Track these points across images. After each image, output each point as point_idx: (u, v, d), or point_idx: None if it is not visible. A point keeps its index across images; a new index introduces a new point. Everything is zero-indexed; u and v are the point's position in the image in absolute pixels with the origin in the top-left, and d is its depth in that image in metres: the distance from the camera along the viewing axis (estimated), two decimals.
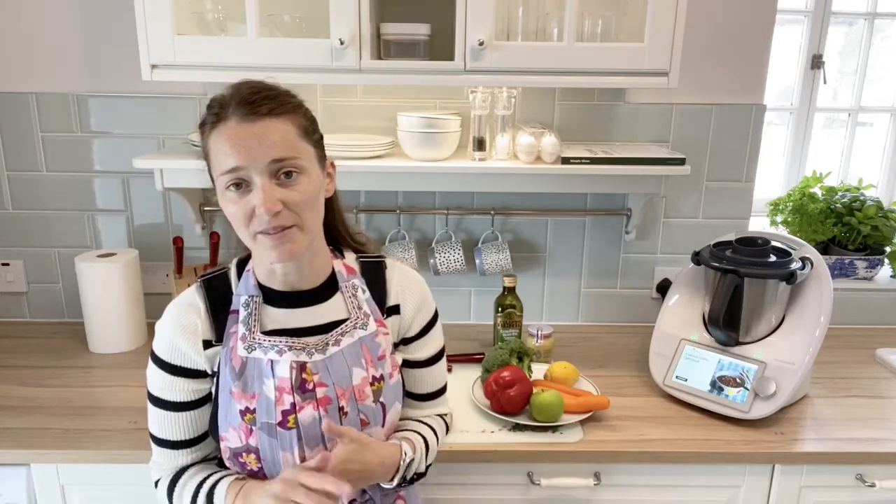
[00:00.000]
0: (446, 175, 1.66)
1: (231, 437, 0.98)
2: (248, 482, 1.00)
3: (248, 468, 1.00)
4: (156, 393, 1.02)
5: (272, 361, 0.98)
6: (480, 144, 1.65)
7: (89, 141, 1.81)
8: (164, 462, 1.06)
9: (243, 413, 0.97)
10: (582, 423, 1.41)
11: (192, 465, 1.07)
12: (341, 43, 1.41)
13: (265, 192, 0.89)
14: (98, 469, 1.35)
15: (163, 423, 1.03)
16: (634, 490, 1.40)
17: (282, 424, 0.97)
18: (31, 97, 1.77)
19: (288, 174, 0.92)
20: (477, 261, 1.81)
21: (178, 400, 1.02)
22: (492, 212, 1.84)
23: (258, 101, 0.90)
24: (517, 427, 1.40)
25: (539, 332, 1.70)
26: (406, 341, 1.12)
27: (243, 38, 1.45)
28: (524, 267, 1.93)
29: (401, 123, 1.61)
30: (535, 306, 1.96)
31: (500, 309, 1.72)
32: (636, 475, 1.39)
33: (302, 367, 0.98)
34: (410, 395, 1.15)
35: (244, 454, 0.98)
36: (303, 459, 0.98)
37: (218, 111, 0.92)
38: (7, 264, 1.89)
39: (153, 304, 1.86)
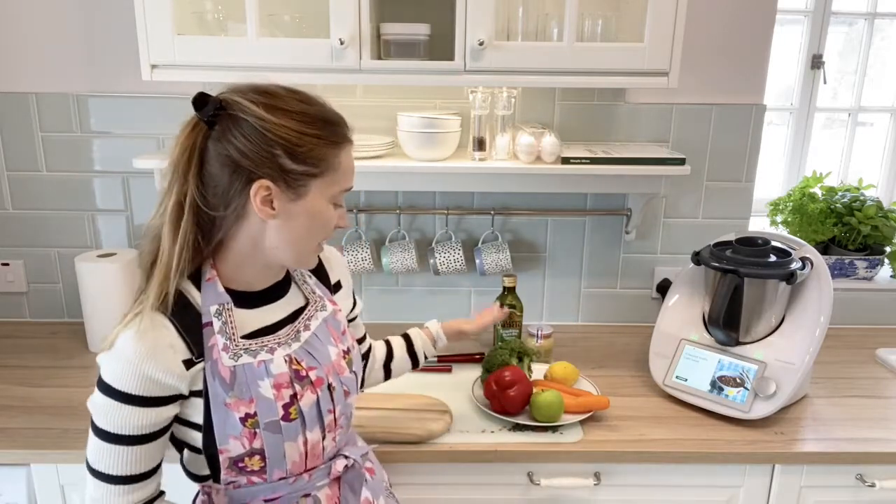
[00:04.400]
0: (446, 175, 1.66)
1: (232, 447, 0.97)
2: None
3: (249, 469, 0.99)
4: (113, 430, 0.92)
5: (264, 362, 0.98)
6: (480, 144, 1.65)
7: (89, 141, 1.81)
8: (112, 500, 0.95)
9: (244, 420, 0.95)
10: (582, 423, 1.41)
11: (153, 500, 0.99)
12: (341, 43, 1.41)
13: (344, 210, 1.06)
14: None
15: (118, 459, 0.93)
16: (634, 490, 1.40)
17: (285, 418, 0.97)
18: (31, 97, 1.77)
19: None
20: (477, 261, 1.81)
21: (144, 433, 0.93)
22: (492, 212, 1.84)
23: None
24: (517, 427, 1.40)
25: (539, 332, 1.69)
26: (353, 307, 1.26)
27: (243, 38, 1.45)
28: (524, 267, 1.93)
29: (401, 123, 1.61)
30: (535, 306, 1.96)
31: None
32: (636, 475, 1.39)
33: (291, 358, 1.01)
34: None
35: (247, 458, 0.98)
36: (305, 443, 1.01)
37: (345, 131, 1.00)
38: (7, 264, 1.89)
39: None
